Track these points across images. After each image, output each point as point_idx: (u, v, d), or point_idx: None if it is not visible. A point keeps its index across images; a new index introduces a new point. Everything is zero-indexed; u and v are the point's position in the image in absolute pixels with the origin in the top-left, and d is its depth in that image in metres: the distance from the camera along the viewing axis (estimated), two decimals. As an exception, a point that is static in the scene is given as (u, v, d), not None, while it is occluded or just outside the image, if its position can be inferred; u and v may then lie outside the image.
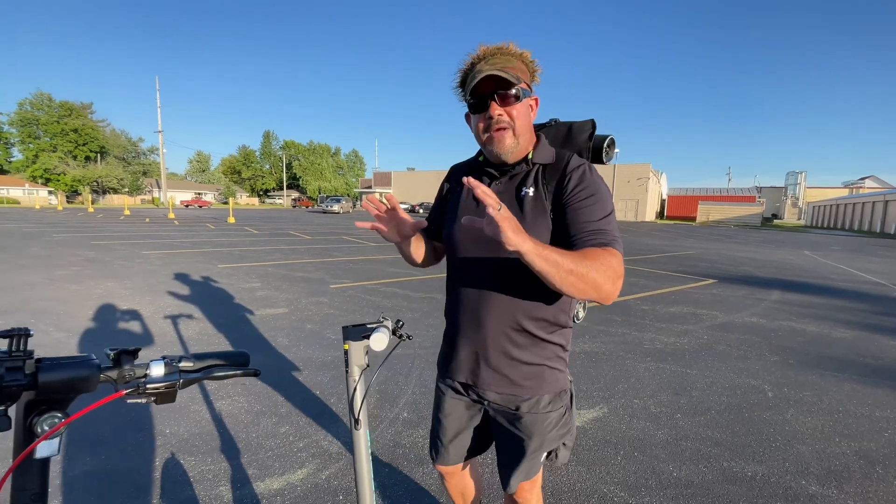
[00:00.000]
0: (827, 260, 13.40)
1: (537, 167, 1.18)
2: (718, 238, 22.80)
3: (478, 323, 1.21)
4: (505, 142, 1.13)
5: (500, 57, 1.11)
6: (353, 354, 1.04)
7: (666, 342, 4.59)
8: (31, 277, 6.96)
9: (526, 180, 1.17)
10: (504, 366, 1.21)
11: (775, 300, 6.91)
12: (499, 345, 1.20)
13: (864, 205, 42.36)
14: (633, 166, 45.92)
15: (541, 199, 1.14)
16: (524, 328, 1.19)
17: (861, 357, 4.34)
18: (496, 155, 1.16)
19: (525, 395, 1.22)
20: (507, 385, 1.23)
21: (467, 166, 1.35)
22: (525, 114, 1.15)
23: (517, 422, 1.25)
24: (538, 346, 1.21)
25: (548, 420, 1.24)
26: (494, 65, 1.08)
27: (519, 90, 1.10)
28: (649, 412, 3.05)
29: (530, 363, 1.21)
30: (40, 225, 17.99)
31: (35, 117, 56.74)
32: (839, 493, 2.24)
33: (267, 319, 4.98)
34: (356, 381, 1.04)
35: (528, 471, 1.28)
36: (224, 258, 9.74)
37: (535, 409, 1.23)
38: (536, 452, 1.25)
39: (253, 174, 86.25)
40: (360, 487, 1.04)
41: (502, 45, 1.13)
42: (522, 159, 1.19)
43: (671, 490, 2.22)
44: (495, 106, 1.10)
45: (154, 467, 2.30)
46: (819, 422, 2.99)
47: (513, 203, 1.16)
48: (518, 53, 1.13)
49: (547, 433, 1.25)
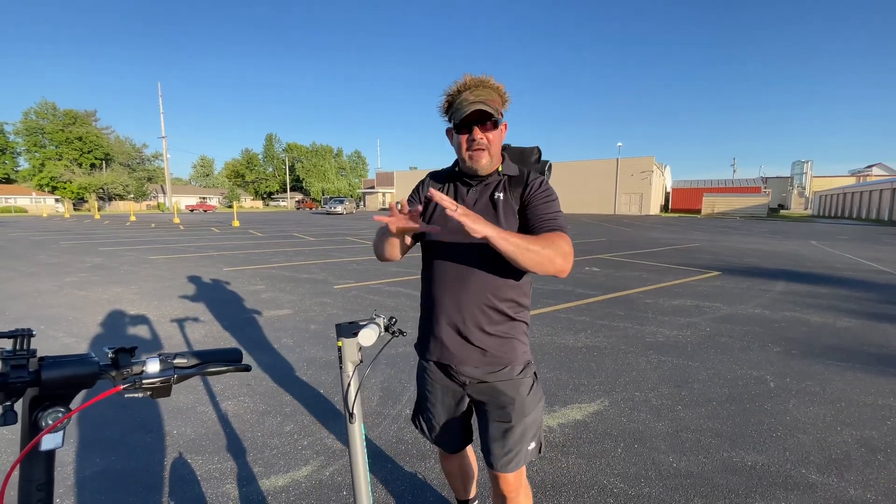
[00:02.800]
0: (833, 249, 13.30)
1: (504, 178, 1.44)
2: (723, 230, 22.67)
3: (457, 305, 1.39)
4: (482, 161, 1.38)
5: (483, 89, 1.34)
6: (347, 351, 1.08)
7: (668, 335, 4.60)
8: (40, 285, 7.07)
9: (497, 188, 1.43)
10: (481, 340, 1.40)
11: (780, 291, 6.89)
12: (476, 321, 1.39)
13: (872, 193, 41.89)
14: (636, 160, 45.61)
15: (509, 202, 1.39)
16: (496, 307, 1.39)
17: (865, 346, 4.33)
18: (473, 170, 1.40)
19: (498, 365, 1.41)
20: (483, 357, 1.40)
21: (445, 175, 1.53)
22: (499, 138, 1.41)
23: (494, 392, 1.43)
24: (509, 322, 1.42)
25: (522, 385, 1.44)
26: (479, 96, 1.32)
27: (497, 119, 1.35)
28: (650, 405, 3.07)
29: (504, 336, 1.41)
30: (48, 233, 18.21)
31: (40, 126, 57.28)
32: (839, 480, 2.26)
33: (272, 321, 5.04)
34: (350, 376, 1.08)
35: (514, 451, 1.42)
36: (229, 261, 9.83)
37: (510, 375, 1.43)
38: (521, 418, 1.41)
39: (256, 177, 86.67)
40: (355, 479, 1.08)
41: (483, 78, 1.36)
42: (494, 171, 1.43)
43: (671, 481, 2.25)
44: (478, 131, 1.34)
45: (163, 466, 2.35)
46: (821, 411, 3.00)
47: (487, 205, 1.40)
48: (496, 87, 1.37)
49: (525, 398, 1.43)
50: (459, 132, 1.37)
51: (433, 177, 1.56)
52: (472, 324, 1.39)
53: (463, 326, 1.39)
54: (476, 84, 1.35)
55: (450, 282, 1.41)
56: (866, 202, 43.13)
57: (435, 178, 1.55)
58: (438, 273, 1.44)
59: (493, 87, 1.36)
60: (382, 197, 63.99)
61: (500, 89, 1.38)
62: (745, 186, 58.72)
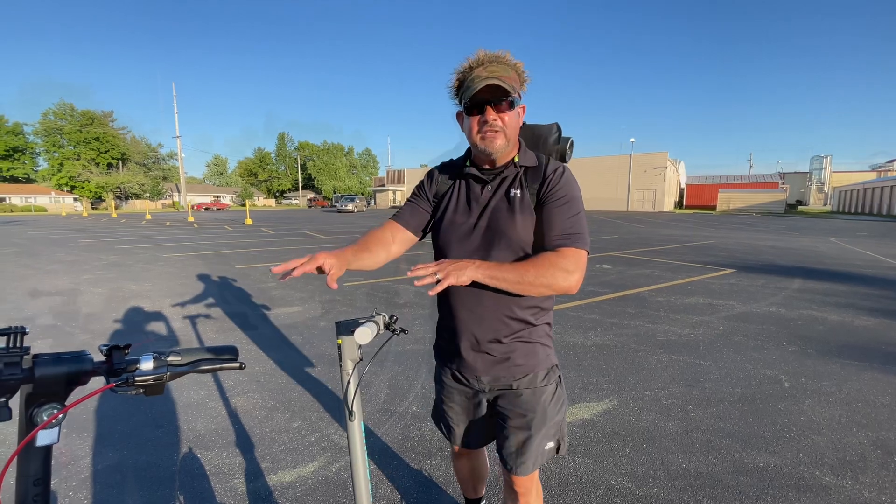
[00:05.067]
0: (852, 246, 12.99)
1: (521, 170, 1.30)
2: (739, 226, 22.27)
3: (474, 314, 1.29)
4: (496, 143, 1.22)
5: (498, 66, 1.18)
6: (346, 349, 1.08)
7: (680, 334, 4.53)
8: (58, 282, 7.23)
9: (514, 183, 1.29)
10: (502, 351, 1.31)
11: (796, 289, 6.74)
12: (496, 334, 1.29)
13: (893, 188, 40.78)
14: (649, 155, 45.01)
15: (526, 199, 1.27)
16: (517, 317, 1.29)
17: (884, 345, 4.22)
18: (487, 154, 1.25)
19: (520, 373, 1.33)
20: (505, 367, 1.32)
21: (456, 168, 1.38)
22: (516, 121, 1.26)
23: (517, 399, 1.34)
24: (531, 328, 1.32)
25: (545, 394, 1.35)
26: (493, 73, 1.16)
27: (513, 99, 1.20)
28: (660, 404, 3.03)
29: (526, 342, 1.32)
30: (67, 231, 18.62)
31: (59, 127, 58.49)
32: (854, 483, 2.20)
33: (282, 318, 5.09)
34: (349, 374, 1.08)
35: (530, 456, 1.34)
36: (241, 259, 9.94)
37: (532, 384, 1.34)
38: (536, 430, 1.33)
39: (269, 176, 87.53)
40: (355, 477, 1.08)
41: (499, 54, 1.20)
42: (509, 161, 1.30)
43: (679, 481, 2.21)
44: (491, 111, 1.19)
45: (173, 461, 2.39)
46: (837, 412, 2.93)
47: (503, 203, 1.28)
48: (513, 64, 1.21)
49: (547, 406, 1.35)
50: (470, 113, 1.23)
51: (442, 169, 1.43)
52: (491, 336, 1.29)
53: (482, 339, 1.30)
54: (490, 60, 1.20)
55: (466, 294, 1.28)
56: (887, 198, 41.96)
57: (444, 171, 1.42)
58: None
59: (509, 64, 1.21)
60: (393, 195, 64.15)
61: (517, 66, 1.23)
62: (762, 182, 57.58)
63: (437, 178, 1.42)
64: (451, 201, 1.36)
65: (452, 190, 1.37)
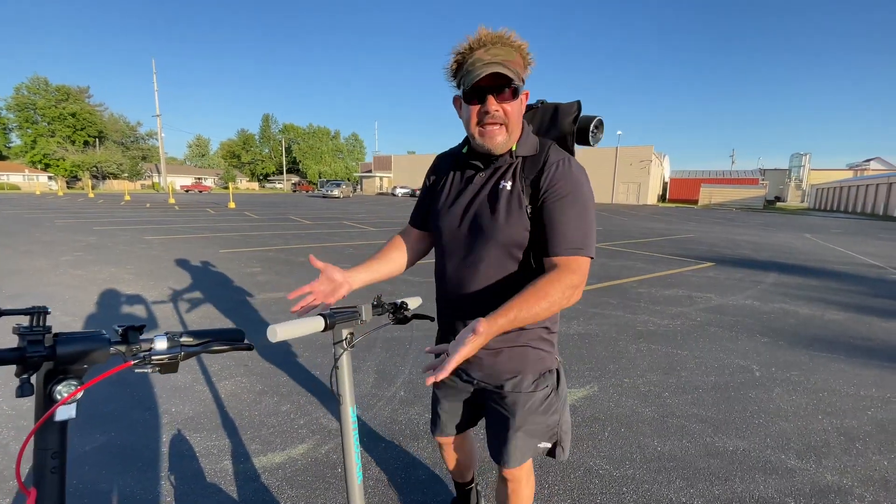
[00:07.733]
0: (826, 243, 13.44)
1: (517, 161, 1.21)
2: (719, 221, 22.78)
3: (464, 306, 1.26)
4: (496, 138, 1.14)
5: (501, 48, 1.08)
6: (335, 335, 1.12)
7: (659, 324, 4.68)
8: (36, 263, 7.06)
9: (506, 174, 1.20)
10: (488, 352, 1.27)
11: (771, 283, 6.98)
12: None
13: (868, 187, 42.08)
14: (635, 149, 45.53)
15: (517, 194, 1.17)
16: None
17: (851, 338, 4.42)
18: (486, 148, 1.17)
19: (507, 374, 1.29)
20: (492, 364, 1.30)
21: (452, 156, 1.36)
22: (519, 110, 1.16)
23: (502, 401, 1.31)
24: (521, 331, 1.25)
25: (532, 400, 1.29)
26: (495, 56, 1.07)
27: (517, 86, 1.10)
28: (638, 391, 3.15)
29: (514, 345, 1.27)
30: (42, 211, 18.07)
31: (32, 102, 56.38)
32: (817, 466, 2.34)
33: (268, 303, 5.08)
34: (335, 359, 1.12)
35: (515, 453, 1.31)
36: (225, 243, 9.82)
37: (518, 388, 1.29)
38: (519, 432, 1.29)
39: (252, 158, 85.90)
40: (347, 460, 1.13)
41: (502, 34, 1.09)
42: (507, 151, 1.20)
43: (654, 463, 2.33)
44: (492, 101, 1.10)
45: (161, 443, 2.41)
46: (804, 400, 3.09)
47: (491, 195, 1.21)
48: (517, 45, 1.11)
49: (530, 414, 1.29)
50: (470, 101, 1.12)
51: (441, 158, 1.40)
52: None
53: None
54: (493, 40, 1.08)
55: (456, 283, 1.27)
56: (862, 196, 43.36)
57: (442, 161, 1.39)
58: (445, 270, 1.31)
59: (513, 46, 1.10)
60: (380, 181, 63.62)
61: (522, 48, 1.11)
62: (743, 178, 58.89)
63: (436, 166, 1.40)
64: (443, 189, 1.33)
65: (448, 177, 1.33)
